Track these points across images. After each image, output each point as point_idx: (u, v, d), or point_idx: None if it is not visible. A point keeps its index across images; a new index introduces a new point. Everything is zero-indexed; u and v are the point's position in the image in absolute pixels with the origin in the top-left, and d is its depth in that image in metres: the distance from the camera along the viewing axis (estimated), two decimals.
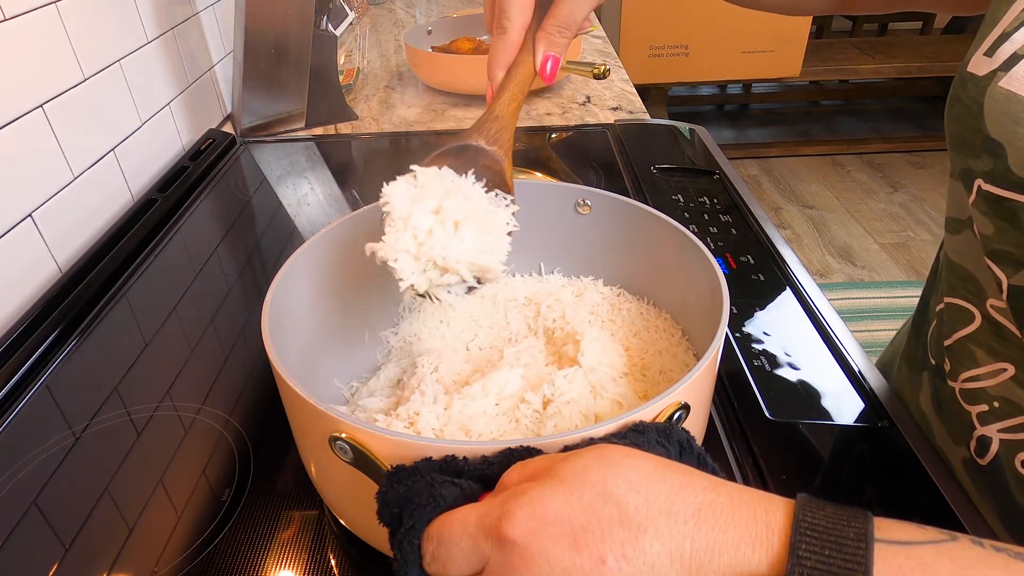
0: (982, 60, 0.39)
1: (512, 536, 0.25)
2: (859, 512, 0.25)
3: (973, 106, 0.39)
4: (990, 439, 0.45)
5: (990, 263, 0.42)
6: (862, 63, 2.91)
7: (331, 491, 0.43)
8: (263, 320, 0.41)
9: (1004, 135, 0.37)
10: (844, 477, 0.49)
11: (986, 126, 0.39)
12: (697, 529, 0.25)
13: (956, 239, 0.46)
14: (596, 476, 0.26)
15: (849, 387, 0.56)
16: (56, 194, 0.71)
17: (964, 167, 0.42)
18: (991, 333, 0.44)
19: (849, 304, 2.20)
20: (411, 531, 0.29)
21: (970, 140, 0.40)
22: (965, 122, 0.40)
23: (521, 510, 0.26)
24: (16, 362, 0.60)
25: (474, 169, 0.44)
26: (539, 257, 0.60)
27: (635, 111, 1.14)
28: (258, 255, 0.81)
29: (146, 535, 0.47)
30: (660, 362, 0.51)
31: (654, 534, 0.25)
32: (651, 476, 0.26)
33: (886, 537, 0.24)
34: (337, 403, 0.51)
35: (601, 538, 0.25)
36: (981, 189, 0.40)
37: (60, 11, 0.72)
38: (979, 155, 0.40)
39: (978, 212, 0.41)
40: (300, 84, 1.05)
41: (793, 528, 0.24)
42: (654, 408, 0.34)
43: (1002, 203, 0.39)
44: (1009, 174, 0.37)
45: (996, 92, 0.38)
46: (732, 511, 0.25)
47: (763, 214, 0.80)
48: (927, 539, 0.24)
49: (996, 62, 0.38)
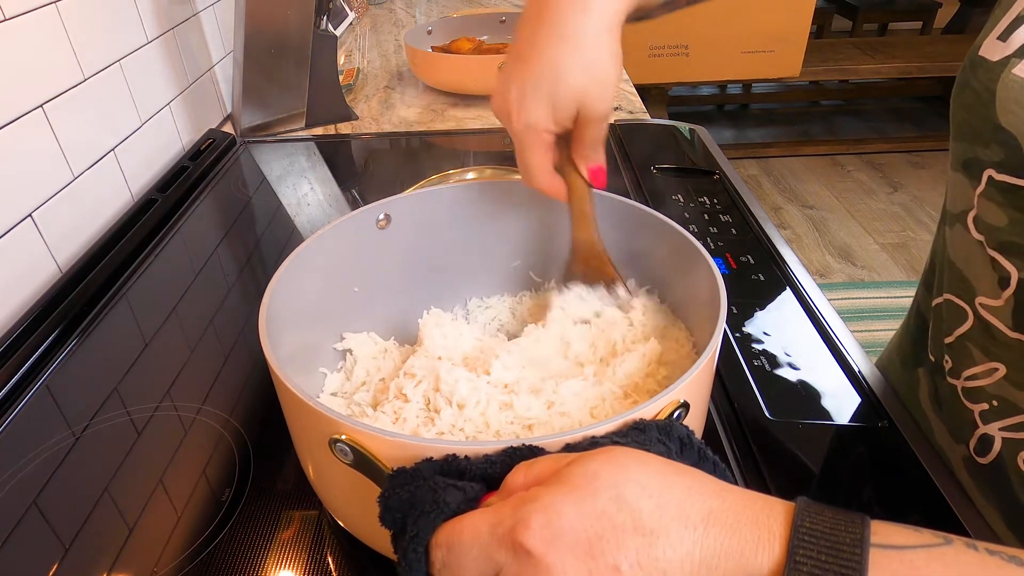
0: (995, 44, 0.38)
1: (528, 546, 0.25)
2: (857, 516, 0.25)
3: (984, 93, 0.38)
4: (992, 438, 0.45)
5: (998, 256, 0.41)
6: (862, 63, 2.91)
7: (330, 493, 0.43)
8: (260, 321, 0.41)
9: (1017, 125, 0.36)
10: (844, 477, 0.49)
11: (997, 115, 0.37)
12: (706, 535, 0.25)
13: (952, 234, 0.46)
14: (608, 481, 0.26)
15: (849, 387, 0.56)
16: (56, 194, 0.71)
17: (970, 156, 0.41)
18: (982, 332, 0.43)
19: (849, 304, 2.20)
20: (416, 539, 0.28)
21: (979, 129, 0.39)
22: (975, 110, 0.39)
23: (536, 519, 0.26)
24: (16, 362, 0.60)
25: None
26: (539, 257, 0.60)
27: (635, 111, 1.14)
28: (258, 255, 0.81)
29: (146, 535, 0.47)
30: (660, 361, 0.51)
31: (667, 541, 0.25)
32: (662, 480, 0.27)
33: (882, 542, 0.24)
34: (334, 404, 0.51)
35: (616, 546, 0.25)
36: (993, 179, 0.39)
37: (60, 11, 0.72)
38: (988, 144, 0.38)
39: (988, 203, 0.40)
40: (300, 84, 1.05)
41: (792, 533, 0.25)
42: (654, 407, 0.34)
43: (1017, 192, 0.38)
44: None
45: (1010, 80, 0.37)
46: (738, 516, 0.26)
47: (763, 214, 0.80)
48: (922, 543, 0.25)
49: (1011, 48, 0.37)
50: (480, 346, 0.52)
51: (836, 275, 2.37)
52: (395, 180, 0.93)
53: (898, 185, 2.89)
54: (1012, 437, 0.44)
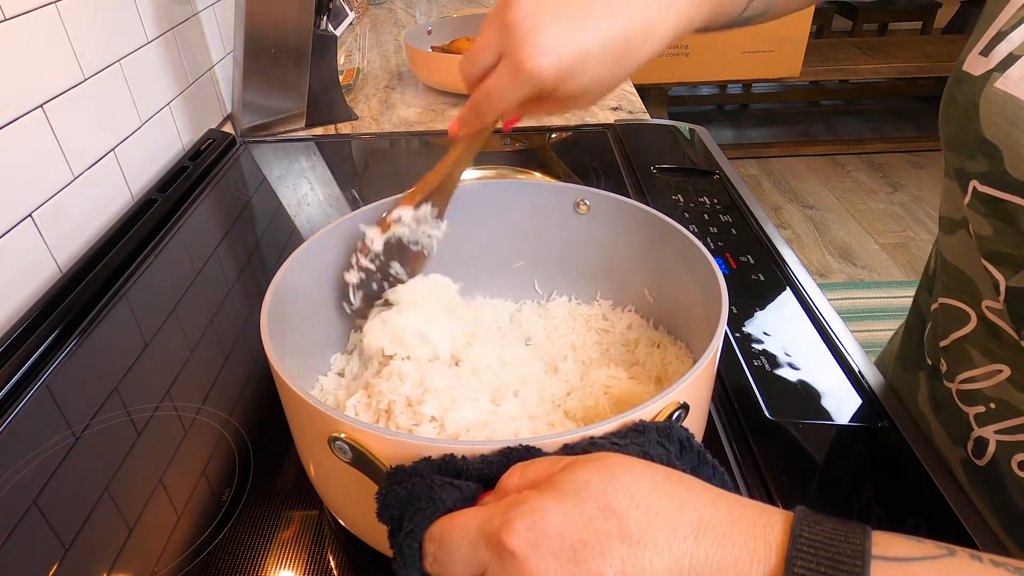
0: (978, 59, 0.39)
1: (512, 547, 0.25)
2: (857, 527, 0.25)
3: (969, 107, 0.39)
4: (987, 440, 0.45)
5: (987, 264, 0.41)
6: (862, 63, 2.91)
7: (330, 491, 0.43)
8: (262, 320, 0.41)
9: (1000, 137, 0.37)
10: (844, 477, 0.49)
11: (982, 128, 0.38)
12: (697, 545, 0.25)
13: (951, 239, 0.46)
14: (597, 490, 0.26)
15: (849, 387, 0.56)
16: (56, 194, 0.71)
17: (959, 167, 0.41)
18: (987, 334, 0.43)
19: (849, 304, 2.20)
20: (411, 535, 0.29)
21: (965, 141, 0.39)
22: (960, 123, 0.40)
23: (521, 521, 0.26)
24: (16, 362, 0.60)
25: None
26: (538, 258, 0.60)
27: (635, 111, 1.14)
28: (258, 255, 0.81)
29: (146, 535, 0.47)
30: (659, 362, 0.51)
31: (654, 550, 0.25)
32: (652, 489, 0.26)
33: (883, 554, 0.24)
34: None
35: (600, 553, 0.25)
36: (977, 190, 0.40)
37: (60, 11, 0.72)
38: (974, 156, 0.39)
39: (974, 213, 0.41)
40: (300, 84, 1.05)
41: (790, 544, 0.24)
42: (653, 408, 0.34)
43: (999, 204, 0.38)
44: (1006, 176, 0.37)
45: (992, 93, 0.37)
46: (731, 526, 0.25)
47: (763, 214, 0.80)
48: (925, 555, 0.24)
49: (992, 62, 0.38)
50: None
51: (836, 275, 2.37)
52: (395, 180, 0.93)
53: (898, 185, 2.89)
54: (1007, 440, 0.44)
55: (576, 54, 0.39)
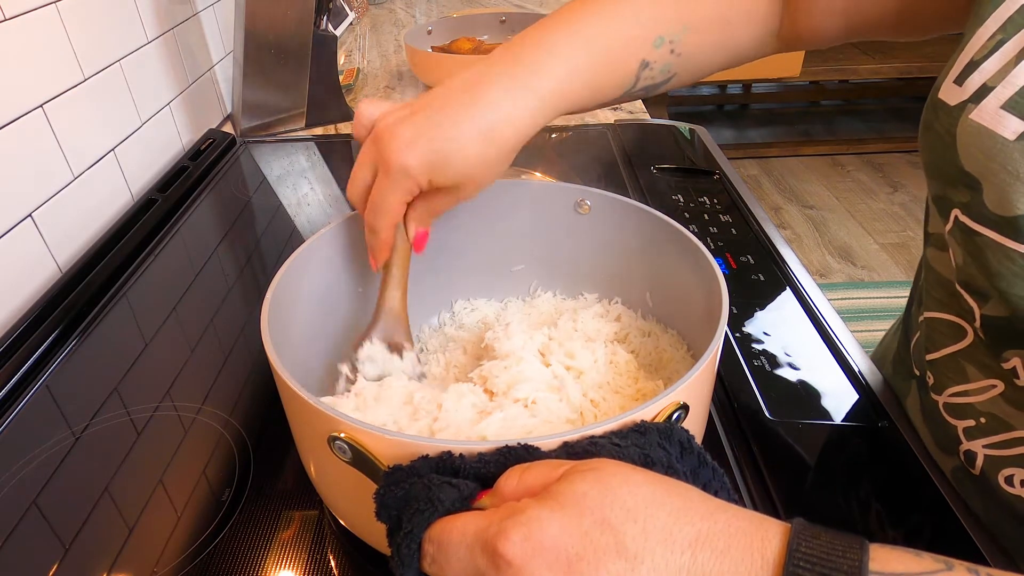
0: (952, 88, 0.38)
1: (507, 556, 0.25)
2: (855, 541, 0.25)
3: (947, 136, 0.38)
4: (975, 454, 0.45)
5: (962, 291, 0.41)
6: (862, 63, 2.91)
7: (330, 491, 0.43)
8: (262, 320, 0.41)
9: (979, 170, 0.36)
10: (844, 477, 0.49)
11: (960, 159, 0.37)
12: (693, 560, 0.25)
13: (942, 255, 0.45)
14: (594, 503, 0.26)
15: (849, 387, 0.56)
16: (56, 194, 0.71)
17: (940, 194, 0.41)
18: (984, 350, 0.43)
19: (849, 304, 2.20)
20: (410, 535, 0.29)
21: (946, 170, 0.39)
22: (939, 152, 0.39)
23: (518, 531, 0.26)
24: (16, 362, 0.61)
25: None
26: (538, 258, 0.60)
27: (635, 111, 1.14)
28: (258, 255, 0.81)
29: (146, 535, 0.47)
30: (659, 362, 0.51)
31: (651, 565, 0.25)
32: (650, 503, 0.26)
33: (881, 569, 0.24)
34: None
35: (596, 568, 0.25)
36: (958, 219, 0.39)
37: (60, 11, 0.72)
38: (956, 185, 0.38)
39: (952, 240, 0.40)
40: (300, 84, 1.05)
41: (787, 559, 0.24)
42: (653, 408, 0.34)
43: (973, 237, 0.38)
44: (984, 209, 0.36)
45: (968, 125, 0.36)
46: (728, 540, 0.25)
47: (763, 214, 0.80)
48: (922, 570, 0.24)
49: (966, 92, 0.37)
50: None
51: (836, 275, 2.37)
52: None
53: (898, 185, 2.89)
54: (995, 455, 0.43)
55: (437, 145, 0.42)
